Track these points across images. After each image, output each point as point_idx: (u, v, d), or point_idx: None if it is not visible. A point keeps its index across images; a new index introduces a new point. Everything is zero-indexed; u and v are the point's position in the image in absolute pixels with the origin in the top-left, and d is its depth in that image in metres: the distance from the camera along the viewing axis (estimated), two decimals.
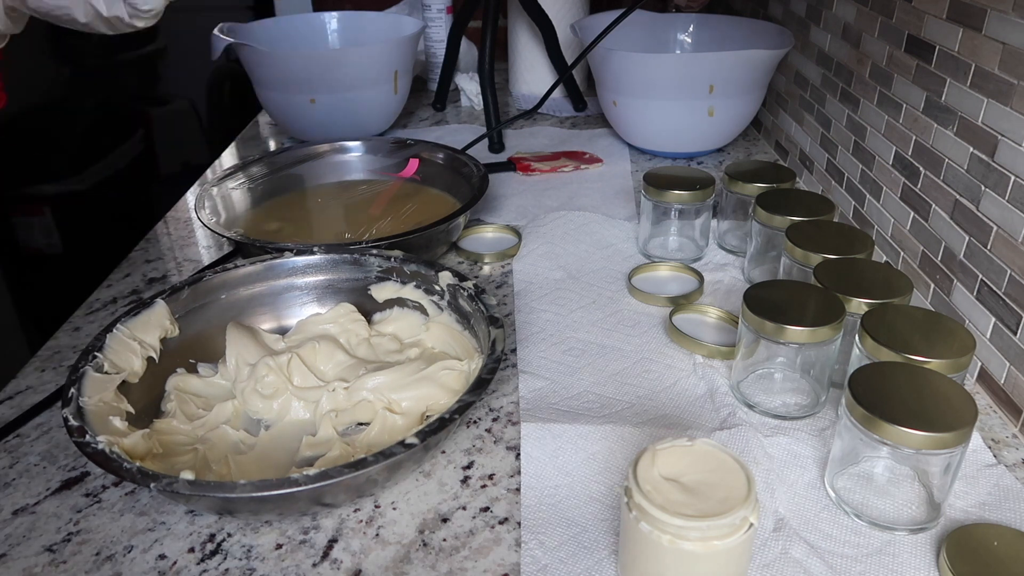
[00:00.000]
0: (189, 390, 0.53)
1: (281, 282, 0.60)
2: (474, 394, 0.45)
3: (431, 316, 0.59)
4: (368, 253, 0.60)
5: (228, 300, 0.59)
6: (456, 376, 0.53)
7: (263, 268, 0.60)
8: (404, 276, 0.60)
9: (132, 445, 0.45)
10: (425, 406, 0.52)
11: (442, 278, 0.58)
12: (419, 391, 0.52)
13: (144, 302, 0.54)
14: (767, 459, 0.48)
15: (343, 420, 0.52)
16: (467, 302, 0.56)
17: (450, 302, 0.57)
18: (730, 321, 0.62)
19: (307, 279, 0.61)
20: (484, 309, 0.53)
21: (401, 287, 0.60)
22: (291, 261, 0.60)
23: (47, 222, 1.48)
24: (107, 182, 1.59)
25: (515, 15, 1.11)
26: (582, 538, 0.43)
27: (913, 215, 0.64)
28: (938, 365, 0.44)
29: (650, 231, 0.72)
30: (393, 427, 0.51)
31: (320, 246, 0.61)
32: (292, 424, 0.52)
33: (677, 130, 0.92)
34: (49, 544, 0.44)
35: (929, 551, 0.42)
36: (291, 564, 0.42)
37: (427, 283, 0.59)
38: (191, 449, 0.49)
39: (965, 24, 0.56)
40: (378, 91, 0.97)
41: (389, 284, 0.60)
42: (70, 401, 0.45)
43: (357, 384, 0.52)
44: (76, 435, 0.43)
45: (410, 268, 0.59)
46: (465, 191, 0.76)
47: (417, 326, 0.59)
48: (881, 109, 0.69)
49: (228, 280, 0.59)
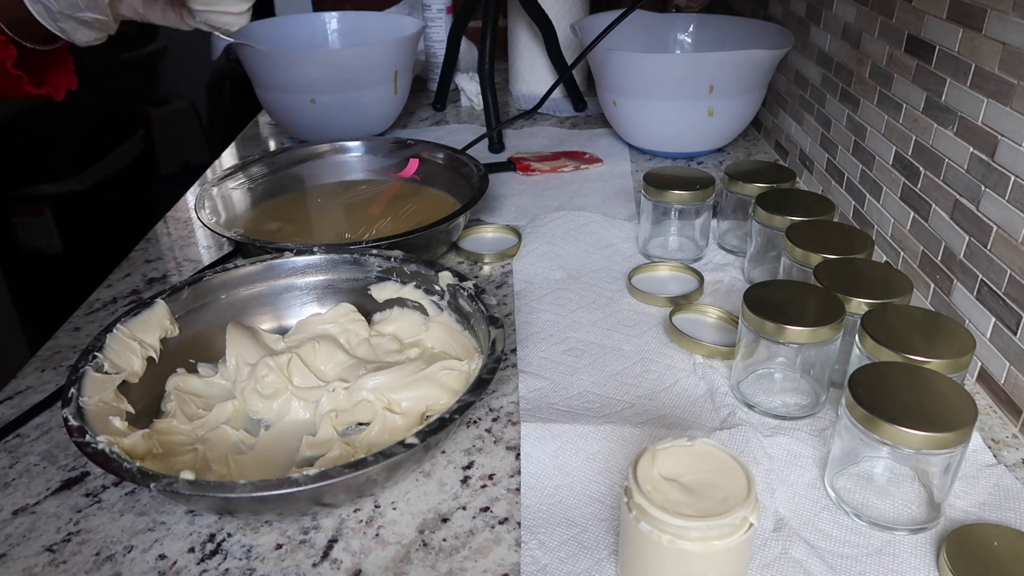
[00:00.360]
0: (189, 390, 0.53)
1: (281, 282, 0.60)
2: (474, 394, 0.45)
3: (431, 316, 0.59)
4: (368, 253, 0.60)
5: (228, 300, 0.59)
6: (456, 376, 0.53)
7: (263, 268, 0.60)
8: (404, 276, 0.60)
9: (132, 445, 0.45)
10: (425, 406, 0.52)
11: (442, 278, 0.58)
12: (419, 391, 0.52)
13: (144, 302, 0.54)
14: (767, 459, 0.48)
15: (343, 420, 0.52)
16: (467, 302, 0.56)
17: (450, 302, 0.57)
18: (730, 321, 0.62)
19: (307, 279, 0.61)
20: (484, 309, 0.53)
21: (401, 287, 0.60)
22: (291, 261, 0.60)
23: (47, 222, 1.48)
24: (107, 182, 1.59)
25: (515, 15, 1.11)
26: (582, 538, 0.43)
27: (913, 215, 0.64)
28: (938, 365, 0.44)
29: (650, 231, 0.72)
30: (393, 427, 0.51)
31: (320, 246, 0.61)
32: (292, 424, 0.52)
33: (677, 130, 0.92)
34: (49, 544, 0.44)
35: (929, 551, 0.42)
36: (291, 564, 0.42)
37: (427, 283, 0.59)
38: (191, 449, 0.49)
39: (965, 24, 0.56)
40: (378, 91, 0.97)
41: (389, 284, 0.60)
42: (70, 401, 0.45)
43: (357, 384, 0.52)
44: (76, 435, 0.43)
45: (410, 268, 0.59)
46: (465, 191, 0.76)
47: (417, 326, 0.59)
48: (881, 109, 0.69)
49: (228, 280, 0.59)
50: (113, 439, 0.44)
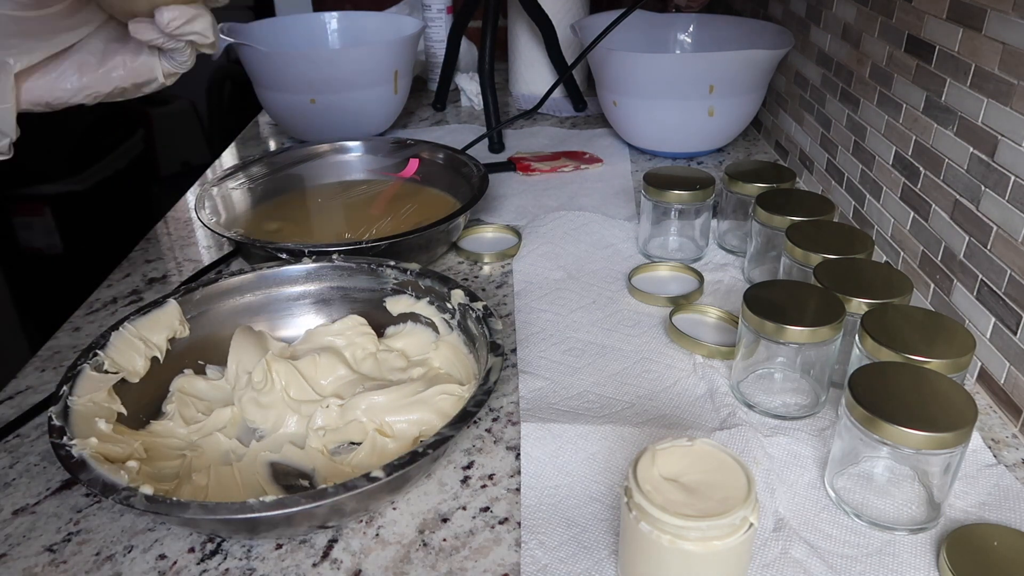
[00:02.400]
0: (192, 392, 0.53)
1: (296, 288, 0.59)
2: (454, 428, 0.43)
3: (442, 334, 0.57)
4: (385, 264, 0.59)
5: (241, 303, 0.58)
6: (453, 402, 0.50)
7: (277, 272, 0.59)
8: (419, 291, 0.58)
9: (107, 450, 0.44)
10: (419, 430, 0.50)
11: (454, 296, 0.56)
12: (414, 415, 0.50)
13: (156, 301, 0.54)
14: (767, 459, 0.48)
15: (335, 438, 0.50)
16: (475, 324, 0.54)
17: (460, 322, 0.56)
18: (730, 321, 0.62)
19: (322, 286, 0.60)
20: (488, 334, 0.51)
21: (415, 302, 0.58)
22: (305, 267, 0.59)
23: (47, 222, 1.48)
24: (107, 182, 1.59)
25: (515, 15, 1.11)
26: (582, 538, 0.43)
27: (913, 215, 0.64)
28: (938, 365, 0.44)
29: (650, 231, 0.72)
30: (383, 450, 0.49)
31: (338, 253, 0.60)
32: (284, 437, 0.51)
33: (677, 130, 0.92)
34: (49, 544, 0.44)
35: (929, 551, 0.42)
36: (291, 564, 0.42)
37: (440, 300, 0.57)
38: (179, 455, 0.48)
39: (965, 24, 0.56)
40: (378, 91, 0.97)
41: (404, 298, 0.59)
42: (59, 399, 0.45)
43: (352, 403, 0.51)
44: (55, 435, 0.43)
45: (425, 283, 0.58)
46: (465, 191, 0.76)
47: (427, 344, 0.57)
48: (881, 109, 0.69)
49: (242, 284, 0.58)
50: (87, 443, 0.43)
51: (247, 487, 0.46)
